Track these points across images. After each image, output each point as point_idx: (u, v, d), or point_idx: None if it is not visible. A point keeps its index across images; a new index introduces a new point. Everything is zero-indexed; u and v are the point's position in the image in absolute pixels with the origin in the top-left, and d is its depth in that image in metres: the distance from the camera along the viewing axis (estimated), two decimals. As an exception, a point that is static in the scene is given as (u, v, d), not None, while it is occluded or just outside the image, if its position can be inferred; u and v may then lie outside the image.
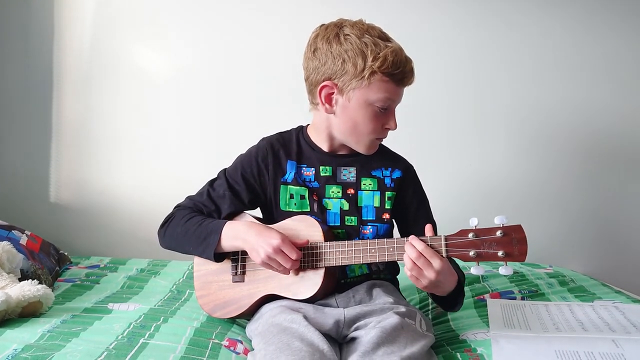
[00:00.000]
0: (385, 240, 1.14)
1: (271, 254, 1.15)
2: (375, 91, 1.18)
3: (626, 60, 2.06)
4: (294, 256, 1.16)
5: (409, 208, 1.31)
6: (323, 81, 1.21)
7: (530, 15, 2.06)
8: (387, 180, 1.29)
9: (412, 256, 1.08)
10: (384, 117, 1.22)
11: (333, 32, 1.21)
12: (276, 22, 2.07)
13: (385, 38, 1.21)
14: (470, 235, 1.08)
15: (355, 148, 1.27)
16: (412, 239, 1.10)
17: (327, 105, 1.23)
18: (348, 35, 1.19)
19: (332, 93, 1.21)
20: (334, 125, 1.26)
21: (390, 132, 1.25)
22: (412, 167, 1.35)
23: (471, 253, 1.07)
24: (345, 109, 1.21)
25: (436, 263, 1.07)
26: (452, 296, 1.19)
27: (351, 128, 1.23)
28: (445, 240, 1.09)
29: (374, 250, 1.14)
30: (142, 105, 2.11)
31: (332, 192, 1.28)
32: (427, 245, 1.09)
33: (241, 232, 1.21)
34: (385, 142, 1.33)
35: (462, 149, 2.10)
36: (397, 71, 1.17)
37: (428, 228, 1.12)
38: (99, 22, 2.09)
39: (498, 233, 1.06)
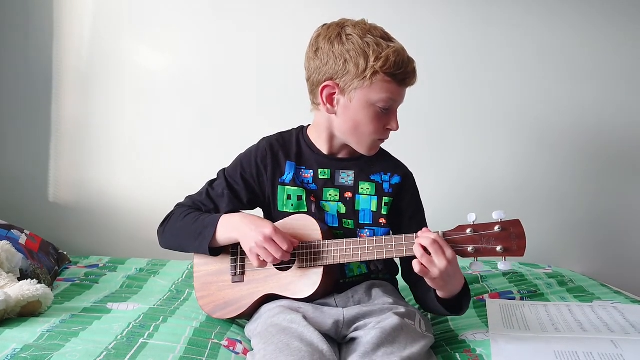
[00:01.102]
0: (384, 237, 1.14)
1: (260, 242, 1.14)
2: (377, 91, 1.17)
3: (628, 61, 2.06)
4: (285, 246, 1.14)
5: (404, 215, 1.30)
6: (324, 81, 1.21)
7: (531, 15, 2.06)
8: (386, 185, 1.29)
9: (425, 243, 1.06)
10: (385, 117, 1.21)
11: (335, 31, 1.21)
12: (277, 21, 2.07)
13: (387, 38, 1.20)
14: (469, 230, 1.08)
15: (356, 148, 1.26)
16: (425, 230, 1.10)
17: (328, 106, 1.22)
18: (350, 35, 1.19)
19: (334, 93, 1.21)
20: (335, 125, 1.25)
21: (391, 131, 1.25)
22: (412, 174, 1.34)
23: (469, 249, 1.07)
24: (347, 109, 1.21)
25: (448, 252, 1.06)
26: (458, 298, 1.18)
27: (352, 128, 1.23)
28: (444, 237, 1.09)
29: (372, 247, 1.14)
30: (141, 105, 2.11)
31: (330, 195, 1.27)
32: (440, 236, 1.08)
33: (236, 222, 1.21)
34: (385, 141, 1.33)
35: (461, 149, 2.10)
36: (399, 71, 1.17)
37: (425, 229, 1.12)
38: (98, 21, 2.09)
39: (496, 228, 1.06)
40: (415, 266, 1.08)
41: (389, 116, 1.22)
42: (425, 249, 1.07)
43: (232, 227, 1.21)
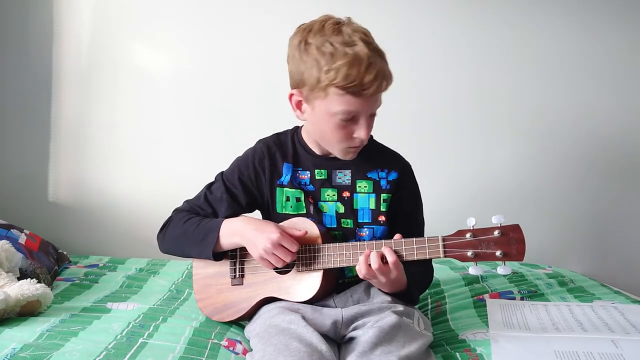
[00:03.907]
0: (383, 241, 1.14)
1: (269, 249, 1.15)
2: (334, 104, 1.13)
3: (630, 64, 2.06)
4: (294, 249, 1.15)
5: (403, 210, 1.30)
6: (292, 88, 1.20)
7: (535, 17, 2.06)
8: (383, 182, 1.28)
9: (373, 265, 1.10)
10: (350, 126, 1.16)
11: (299, 38, 1.17)
12: (276, 21, 2.06)
13: (348, 43, 1.11)
14: (468, 235, 1.08)
15: (333, 153, 1.25)
16: (385, 248, 1.12)
17: (298, 112, 1.22)
18: (309, 43, 1.14)
19: (301, 101, 1.20)
20: (309, 131, 1.26)
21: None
22: (409, 166, 1.32)
23: (469, 253, 1.07)
24: (313, 117, 1.19)
25: (393, 274, 1.11)
26: (402, 294, 1.21)
27: (321, 136, 1.22)
28: (443, 241, 1.09)
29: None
30: (141, 104, 2.11)
31: (328, 195, 1.27)
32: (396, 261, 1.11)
33: (239, 227, 1.21)
34: (386, 142, 1.33)
35: (462, 150, 2.10)
36: (352, 84, 1.09)
37: (397, 237, 1.14)
38: (98, 21, 2.09)
39: (496, 233, 1.06)
40: (360, 271, 1.12)
41: (355, 125, 1.16)
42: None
43: (235, 232, 1.21)
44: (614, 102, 2.07)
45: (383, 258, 1.11)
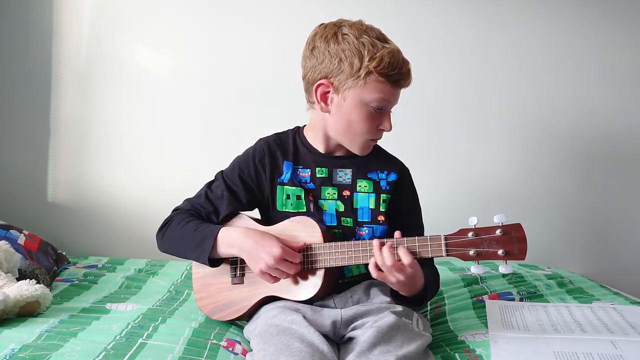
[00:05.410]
0: (385, 240, 1.14)
1: (272, 264, 1.15)
2: (371, 91, 1.18)
3: (626, 61, 2.06)
4: (297, 260, 1.16)
5: (401, 212, 1.30)
6: (319, 79, 1.21)
7: (530, 16, 2.06)
8: (383, 183, 1.29)
9: (387, 261, 1.09)
10: (378, 117, 1.21)
11: (331, 31, 1.22)
12: (278, 22, 2.07)
13: (383, 39, 1.20)
14: (470, 234, 1.08)
15: (349, 148, 1.27)
16: (403, 252, 1.10)
17: (322, 104, 1.23)
18: (346, 34, 1.19)
19: (328, 92, 1.21)
20: (329, 124, 1.25)
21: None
22: (408, 170, 1.34)
23: (471, 252, 1.08)
24: (340, 108, 1.21)
25: (409, 271, 1.10)
26: (413, 299, 1.20)
27: (346, 128, 1.23)
28: (445, 240, 1.09)
29: (373, 250, 1.14)
30: (140, 105, 2.10)
31: (328, 193, 1.27)
32: (414, 259, 1.10)
33: (237, 240, 1.20)
34: (386, 142, 1.33)
35: (462, 150, 2.10)
36: (393, 72, 1.17)
37: (397, 234, 1.14)
38: (98, 21, 2.09)
39: (498, 232, 1.07)
40: (373, 272, 1.11)
41: (382, 116, 1.22)
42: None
43: (233, 244, 1.21)
44: (615, 103, 2.07)
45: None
